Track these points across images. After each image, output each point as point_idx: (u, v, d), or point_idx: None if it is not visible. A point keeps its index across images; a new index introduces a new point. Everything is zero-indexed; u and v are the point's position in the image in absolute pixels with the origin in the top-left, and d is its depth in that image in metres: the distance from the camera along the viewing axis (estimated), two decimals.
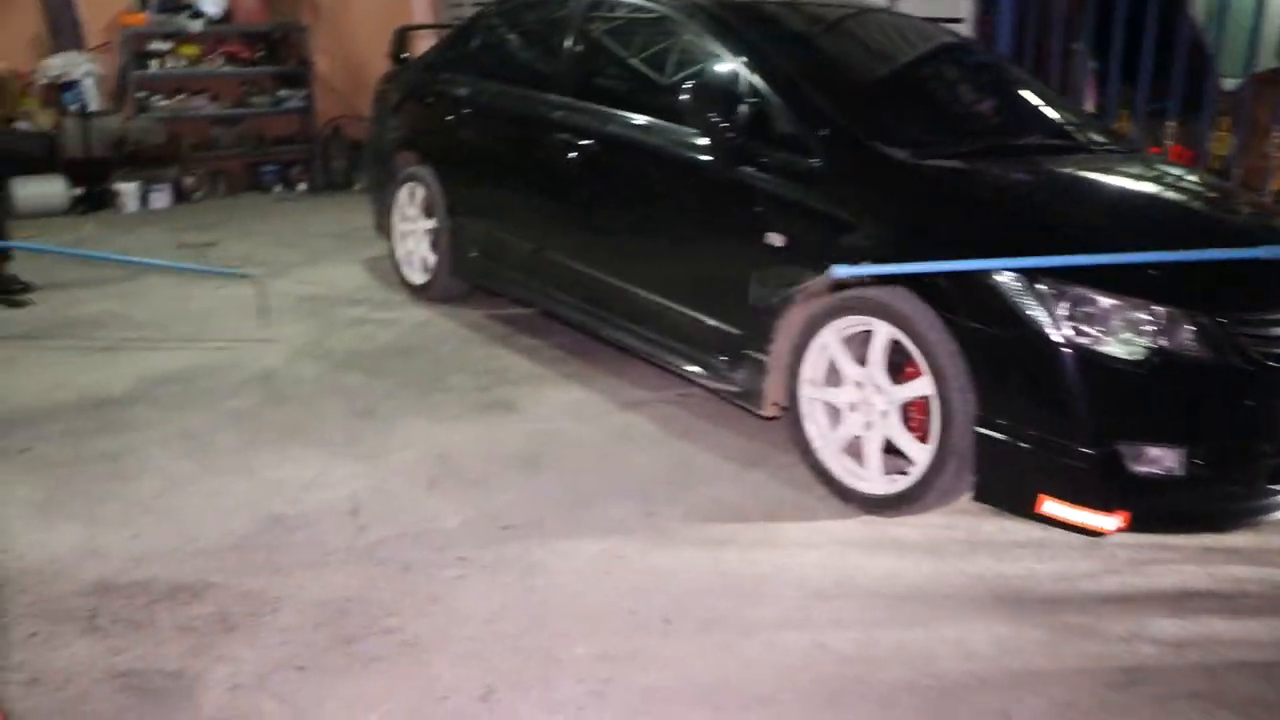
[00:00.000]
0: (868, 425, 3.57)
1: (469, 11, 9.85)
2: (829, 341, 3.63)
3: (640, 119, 4.32)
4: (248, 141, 9.71)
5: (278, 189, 9.59)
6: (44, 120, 8.80)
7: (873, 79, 4.36)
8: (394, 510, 3.52)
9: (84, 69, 8.67)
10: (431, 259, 5.73)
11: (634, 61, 4.56)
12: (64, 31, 8.96)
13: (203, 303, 5.99)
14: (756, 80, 3.92)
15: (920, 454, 3.42)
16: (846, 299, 3.54)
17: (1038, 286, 3.12)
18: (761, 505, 3.66)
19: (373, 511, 3.51)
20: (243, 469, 3.83)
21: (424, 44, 9.06)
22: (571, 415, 4.35)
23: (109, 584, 3.08)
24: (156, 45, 9.18)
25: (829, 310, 3.60)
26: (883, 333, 3.45)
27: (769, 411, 3.92)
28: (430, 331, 5.42)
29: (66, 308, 5.86)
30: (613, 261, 4.47)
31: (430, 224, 5.66)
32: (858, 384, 3.58)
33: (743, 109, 3.85)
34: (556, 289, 4.79)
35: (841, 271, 3.33)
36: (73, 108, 8.70)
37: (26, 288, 5.95)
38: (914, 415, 3.49)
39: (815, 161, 3.66)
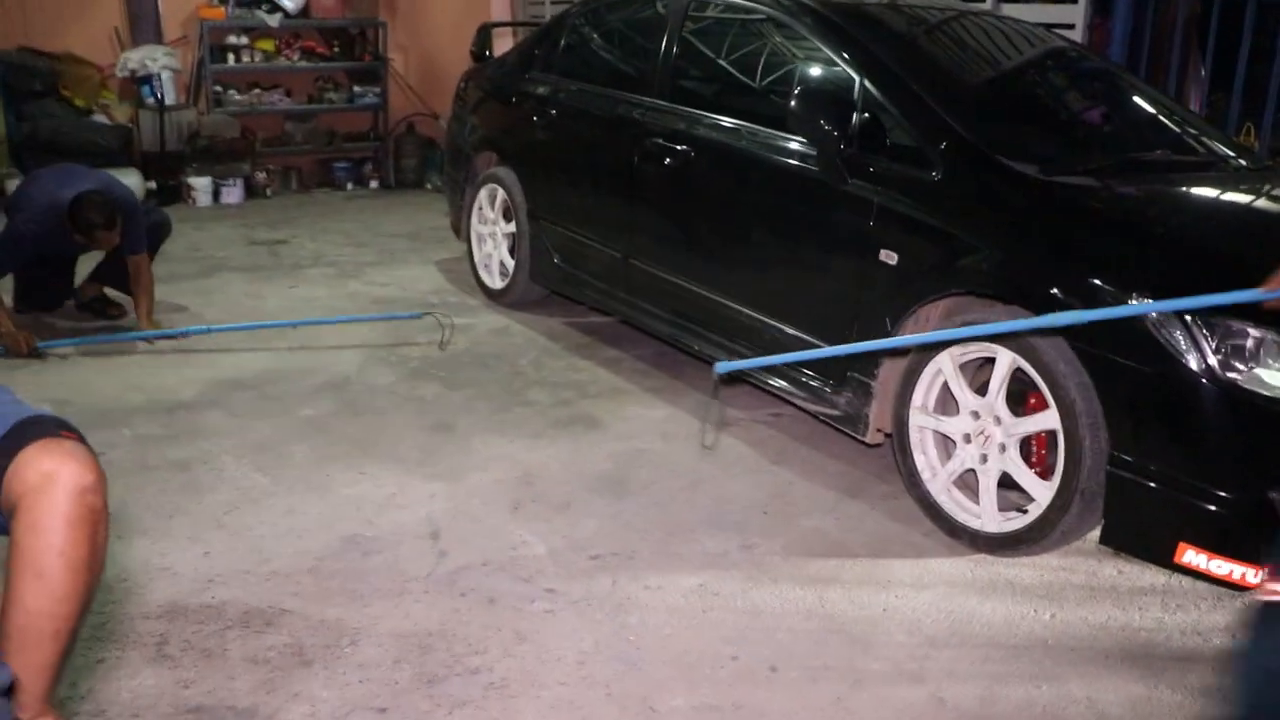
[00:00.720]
0: (983, 458, 3.32)
1: (549, 10, 9.69)
2: (944, 367, 3.38)
3: (740, 125, 4.10)
4: (320, 138, 9.60)
5: (349, 186, 9.47)
6: (121, 113, 8.77)
7: (991, 87, 4.09)
8: (476, 535, 3.33)
9: (162, 62, 8.61)
10: (510, 263, 5.55)
11: (734, 64, 4.32)
12: (144, 25, 8.92)
13: (275, 302, 5.85)
14: (869, 87, 3.68)
15: (1042, 492, 3.16)
16: (965, 324, 3.29)
17: (1184, 316, 2.85)
18: (865, 540, 3.42)
19: (453, 536, 3.32)
20: (316, 485, 3.66)
21: (504, 43, 8.92)
22: (658, 434, 4.13)
23: (179, 607, 2.91)
24: (234, 39, 9.11)
25: None
26: (1006, 360, 3.20)
27: (873, 439, 3.68)
28: (508, 339, 5.23)
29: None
30: (706, 273, 4.24)
31: (509, 227, 5.48)
32: (974, 414, 3.33)
33: (855, 118, 3.61)
34: (643, 299, 4.58)
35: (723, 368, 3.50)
36: (149, 101, 8.64)
37: (123, 311, 5.63)
38: (1036, 450, 3.24)
39: (934, 175, 3.41)
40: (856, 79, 3.72)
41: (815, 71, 3.94)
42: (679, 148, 4.27)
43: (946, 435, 3.43)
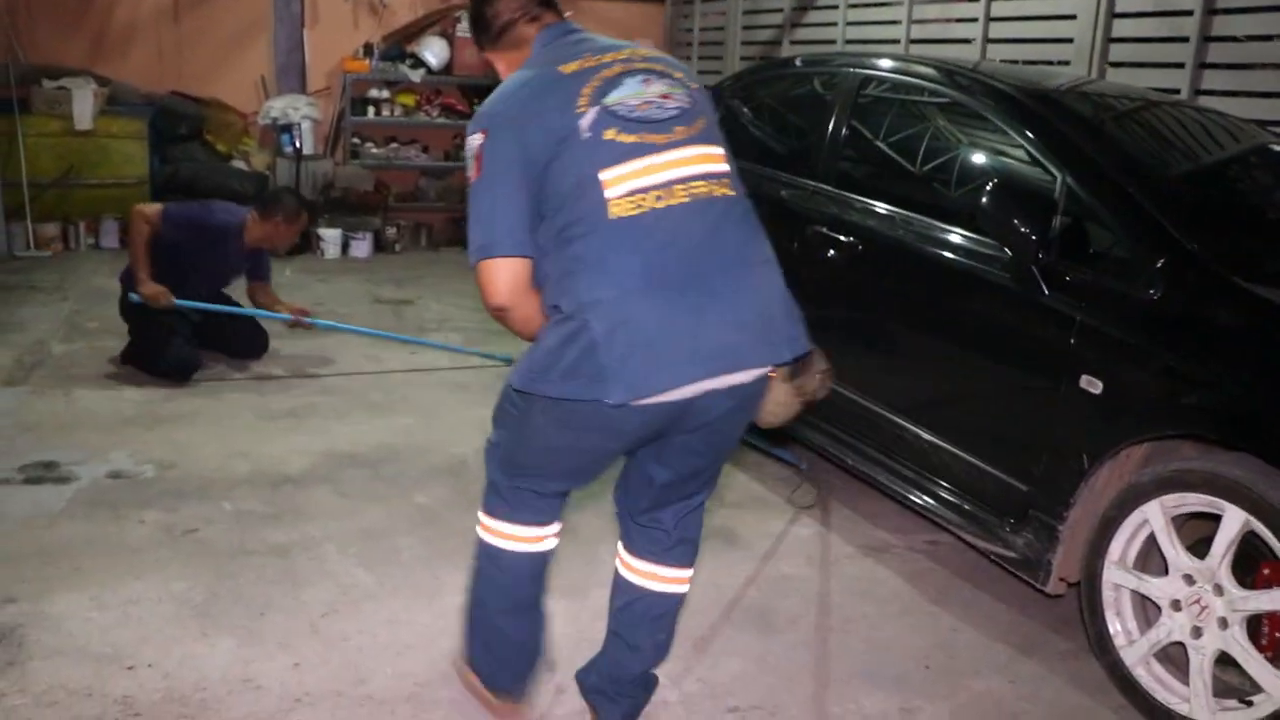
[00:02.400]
0: (1196, 632, 2.79)
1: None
2: (1152, 517, 2.88)
3: (917, 218, 3.67)
4: (453, 196, 9.44)
5: (474, 261, 9.24)
6: (259, 161, 8.74)
7: (1213, 191, 3.59)
8: None
9: (303, 112, 8.58)
10: None
11: (911, 151, 3.88)
12: (289, 75, 8.92)
13: (396, 365, 5.58)
14: (1074, 186, 3.23)
15: (1275, 684, 2.63)
16: (1186, 470, 2.79)
17: None
18: (1045, 711, 2.93)
19: (573, 668, 2.88)
20: (424, 589, 3.30)
21: None
22: (804, 557, 3.69)
23: None
24: (375, 93, 9.05)
25: (1158, 481, 2.85)
26: (1236, 520, 2.69)
27: (1055, 589, 3.19)
28: None
29: (258, 362, 5.53)
30: (869, 381, 3.80)
31: None
32: (1187, 578, 2.82)
33: (1057, 221, 3.17)
34: None
35: None
36: (287, 149, 8.60)
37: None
38: (1269, 630, 2.71)
39: (1151, 293, 2.93)
40: (1058, 176, 3.27)
41: (1009, 165, 3.50)
42: (846, 239, 3.86)
43: (1150, 598, 2.92)
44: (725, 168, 2.35)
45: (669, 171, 2.22)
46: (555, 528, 2.50)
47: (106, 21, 8.65)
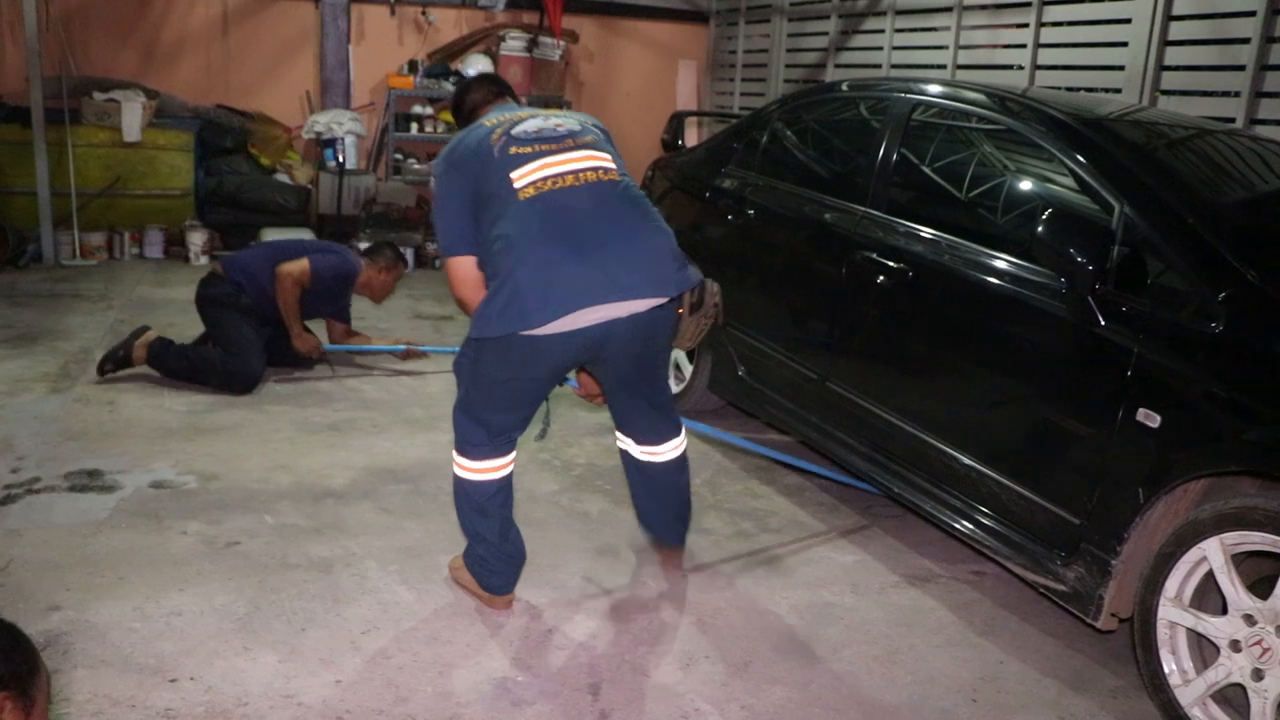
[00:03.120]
0: (1258, 674, 2.72)
1: (737, 101, 9.45)
2: (1210, 555, 2.82)
3: (969, 245, 3.63)
4: None
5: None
6: (302, 175, 8.80)
7: (1277, 222, 3.52)
8: (641, 694, 2.88)
9: (347, 127, 8.63)
10: (686, 368, 5.15)
11: (963, 178, 3.84)
12: (334, 90, 8.99)
13: (436, 384, 5.58)
14: (1132, 215, 3.17)
15: None
16: (1249, 507, 2.73)
17: None
18: None
19: (617, 692, 2.88)
20: (465, 609, 3.28)
21: (689, 132, 8.66)
22: (847, 584, 3.64)
23: None
24: (419, 109, 9.09)
25: (1218, 518, 2.79)
26: None
27: (1106, 625, 3.12)
28: None
29: (299, 373, 5.54)
30: (918, 408, 3.75)
31: None
32: (1248, 618, 2.75)
33: (1114, 251, 3.12)
34: (838, 427, 4.11)
35: None
36: (330, 164, 8.65)
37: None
38: None
39: (1214, 327, 2.87)
40: (1116, 206, 3.22)
41: (1065, 194, 3.46)
42: (896, 265, 3.82)
43: (1207, 637, 2.86)
44: (613, 165, 3.15)
45: (562, 167, 3.04)
46: (507, 459, 3.20)
47: (156, 35, 8.75)
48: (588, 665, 3.00)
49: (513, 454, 3.23)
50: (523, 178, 2.99)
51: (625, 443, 3.48)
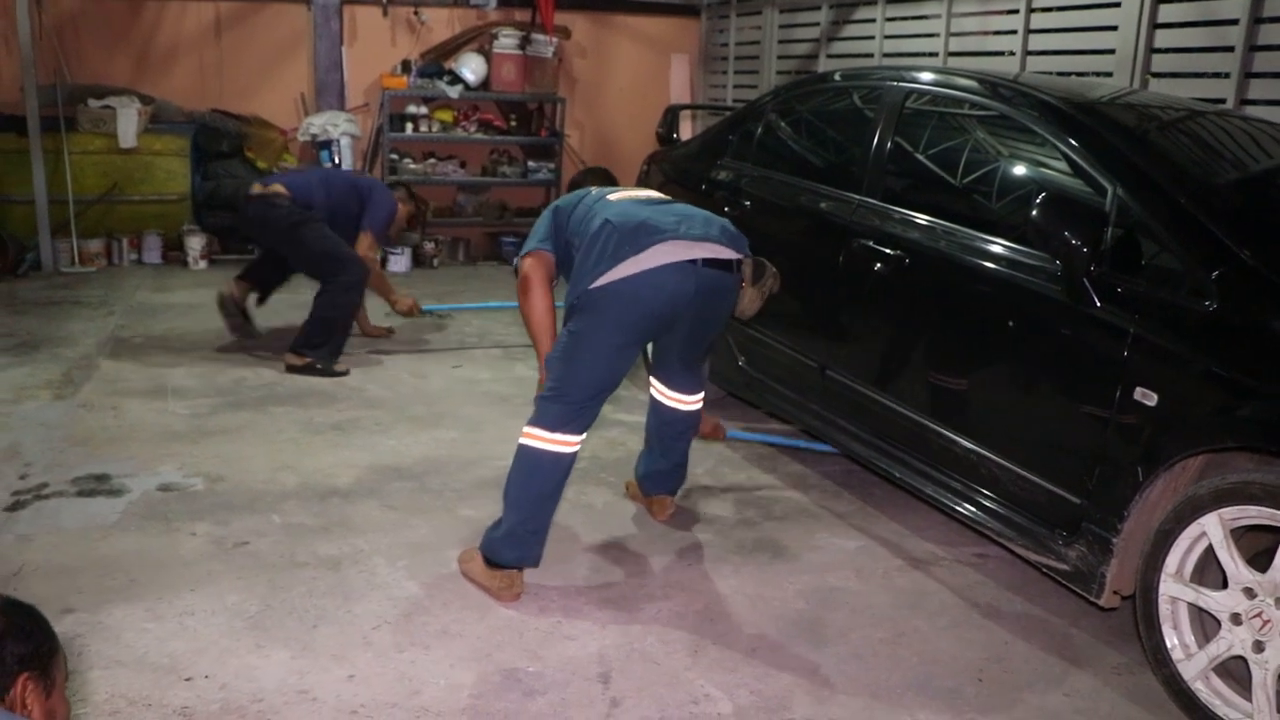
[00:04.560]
0: (1259, 646, 2.76)
1: (730, 94, 9.47)
2: (1210, 530, 2.85)
3: (964, 231, 3.66)
4: (491, 211, 9.50)
5: (517, 260, 9.29)
6: None
7: (1269, 201, 3.55)
8: (651, 682, 2.91)
9: (342, 128, 8.65)
10: None
11: (957, 165, 3.87)
12: (329, 92, 9.00)
13: (438, 382, 5.61)
14: (1125, 197, 3.21)
15: None
16: (1247, 482, 2.76)
17: None
18: None
19: (627, 681, 2.91)
20: (474, 602, 3.31)
21: (684, 126, 8.68)
22: (851, 568, 3.67)
23: None
24: (413, 109, 9.11)
25: (1217, 494, 2.82)
26: None
27: (1108, 603, 3.16)
28: None
29: (301, 376, 5.57)
30: (919, 394, 3.79)
31: None
32: (1248, 591, 2.78)
33: (1108, 233, 3.15)
34: (839, 415, 4.14)
35: None
36: (327, 166, 8.66)
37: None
38: None
39: (1208, 304, 2.90)
40: (1110, 188, 3.25)
41: (1058, 178, 3.49)
42: (892, 252, 3.85)
43: (1208, 611, 2.89)
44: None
45: (631, 190, 3.73)
46: (582, 437, 3.43)
47: (150, 41, 8.76)
48: (597, 654, 3.03)
49: (584, 434, 3.44)
50: (603, 198, 3.58)
51: (657, 387, 3.87)
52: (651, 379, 3.92)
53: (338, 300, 5.71)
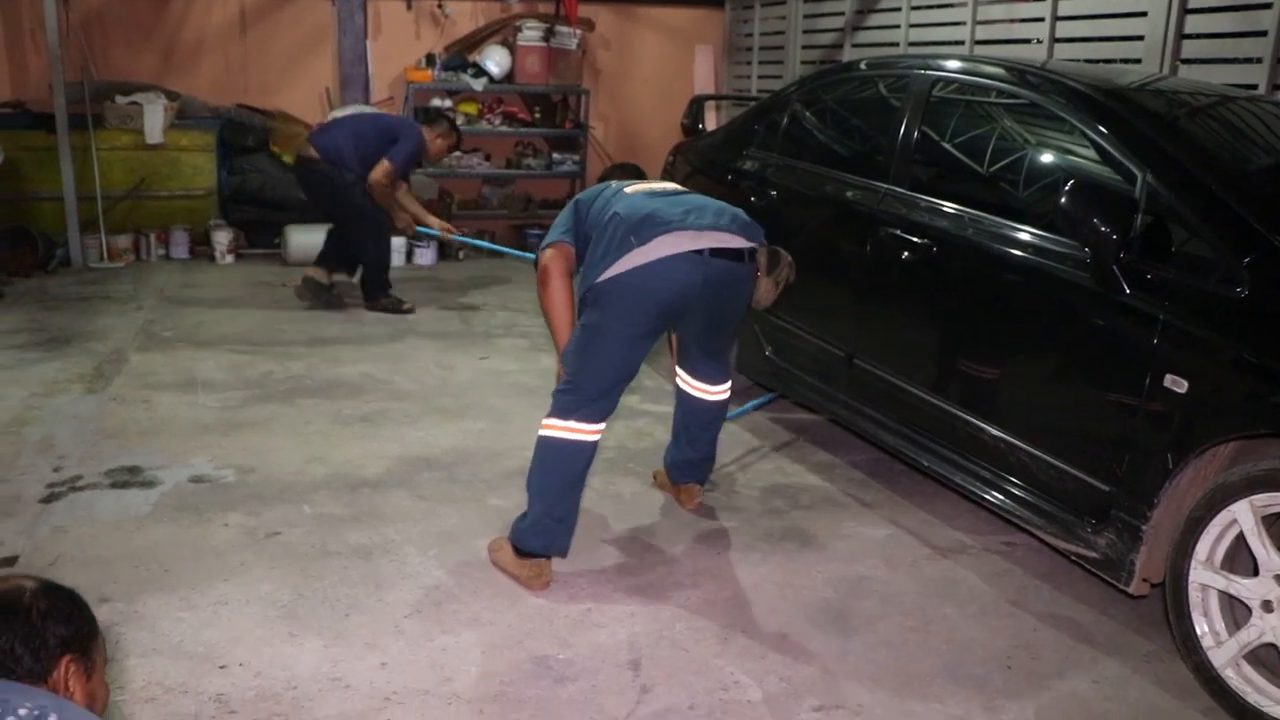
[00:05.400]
0: None
1: (755, 84, 9.45)
2: (1241, 517, 2.84)
3: (992, 219, 3.64)
4: (516, 203, 9.52)
5: (538, 253, 9.30)
6: None
7: None
8: (681, 669, 2.93)
9: None
10: None
11: (985, 153, 3.86)
12: (353, 85, 9.02)
13: (465, 373, 5.64)
14: (1156, 184, 3.19)
15: None
16: (1277, 469, 2.75)
17: None
18: (1131, 712, 2.89)
19: (657, 668, 2.92)
20: (504, 590, 3.33)
21: (708, 116, 8.67)
22: (880, 557, 3.68)
23: None
24: (437, 102, 9.13)
25: (1248, 480, 2.81)
26: None
27: (1138, 590, 3.15)
28: None
29: (329, 367, 5.61)
30: (947, 383, 3.79)
31: None
32: (1279, 578, 2.77)
33: (1138, 220, 3.14)
34: (867, 404, 4.14)
35: None
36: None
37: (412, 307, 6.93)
38: None
39: (1239, 291, 2.89)
40: (1139, 175, 3.24)
41: (1087, 165, 3.47)
42: (920, 241, 3.84)
43: (1237, 598, 2.88)
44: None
45: (648, 183, 3.73)
46: (602, 425, 3.45)
47: (175, 37, 8.82)
48: (627, 642, 3.05)
49: (604, 423, 3.47)
50: (619, 191, 3.60)
51: (682, 377, 3.90)
52: (677, 369, 3.93)
53: (380, 279, 6.93)
